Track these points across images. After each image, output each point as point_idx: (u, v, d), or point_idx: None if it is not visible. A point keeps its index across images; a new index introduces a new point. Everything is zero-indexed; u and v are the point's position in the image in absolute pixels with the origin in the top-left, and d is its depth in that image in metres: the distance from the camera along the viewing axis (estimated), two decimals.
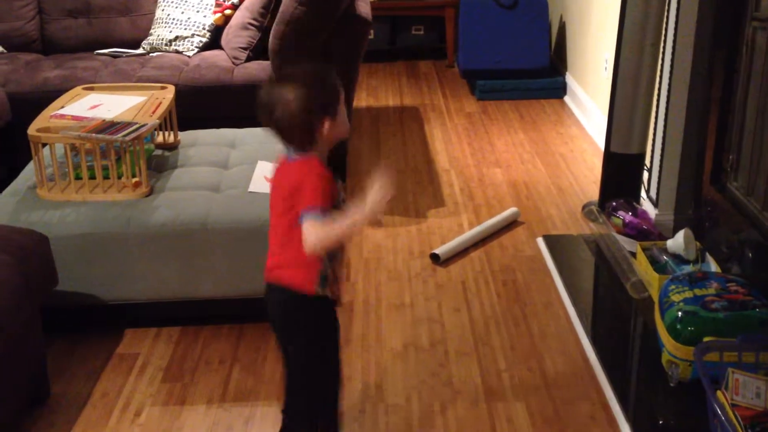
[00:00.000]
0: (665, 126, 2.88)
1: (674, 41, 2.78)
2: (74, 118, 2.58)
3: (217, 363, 2.37)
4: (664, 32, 2.84)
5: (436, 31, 5.41)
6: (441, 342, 2.46)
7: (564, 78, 4.69)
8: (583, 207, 3.21)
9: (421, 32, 5.44)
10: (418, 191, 3.50)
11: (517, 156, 3.87)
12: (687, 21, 2.73)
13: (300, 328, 1.81)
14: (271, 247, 1.78)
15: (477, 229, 3.07)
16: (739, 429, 1.78)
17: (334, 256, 1.76)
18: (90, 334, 2.50)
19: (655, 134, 2.98)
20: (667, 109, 2.86)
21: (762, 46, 2.40)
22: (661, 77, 2.90)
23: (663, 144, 2.90)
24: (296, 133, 1.67)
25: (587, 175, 3.61)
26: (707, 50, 2.71)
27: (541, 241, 3.01)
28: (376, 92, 4.87)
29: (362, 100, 4.71)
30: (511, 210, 3.20)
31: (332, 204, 1.68)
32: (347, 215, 1.65)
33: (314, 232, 1.62)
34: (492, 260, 2.93)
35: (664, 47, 2.86)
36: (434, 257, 2.92)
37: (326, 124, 1.66)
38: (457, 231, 3.12)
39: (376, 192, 1.64)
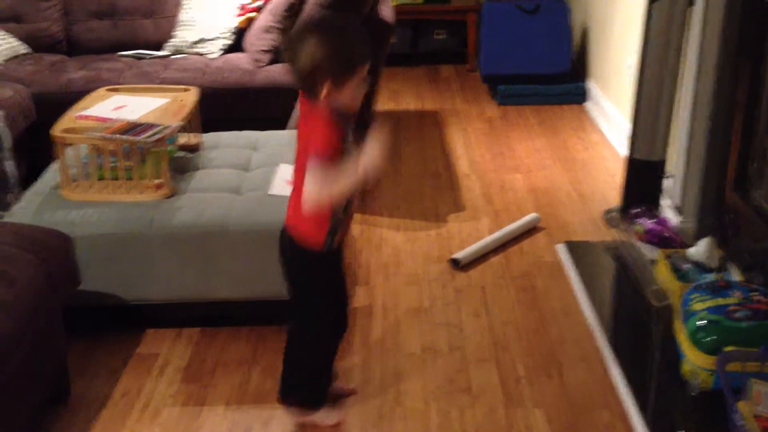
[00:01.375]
0: (689, 132, 2.86)
1: (699, 48, 2.76)
2: (98, 119, 2.60)
3: (236, 364, 2.38)
4: (688, 38, 2.82)
5: (457, 35, 5.41)
6: (459, 347, 2.46)
7: (585, 84, 4.67)
8: (604, 213, 3.19)
9: (443, 37, 5.44)
10: (438, 196, 3.50)
11: (538, 161, 3.85)
12: (712, 27, 2.71)
13: (308, 279, 1.96)
14: (293, 188, 1.87)
15: (497, 235, 3.06)
16: None
17: (347, 204, 1.84)
18: (111, 333, 2.51)
19: (678, 141, 2.96)
20: (691, 115, 2.84)
21: None
22: (684, 84, 2.88)
23: (687, 151, 2.88)
24: (301, 81, 1.75)
25: (608, 181, 3.60)
26: (732, 56, 2.68)
27: (561, 248, 3.00)
28: (396, 96, 4.87)
29: (383, 103, 4.72)
30: (531, 216, 3.19)
31: (339, 156, 1.73)
32: (348, 170, 1.72)
33: (313, 193, 1.72)
34: (512, 266, 2.92)
35: (688, 53, 2.84)
36: (454, 262, 2.91)
37: (327, 88, 1.71)
38: (476, 236, 3.11)
39: (371, 150, 1.71)
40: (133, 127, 2.48)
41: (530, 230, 3.15)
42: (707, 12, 2.70)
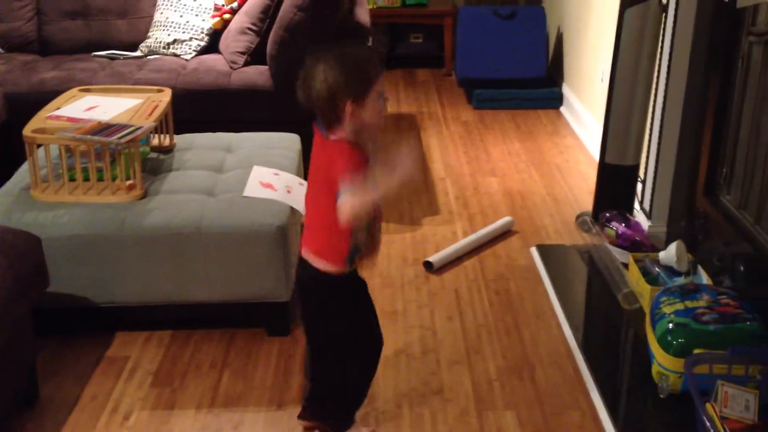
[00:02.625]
0: (660, 138, 2.89)
1: (671, 53, 2.79)
2: (70, 119, 2.58)
3: (208, 367, 2.37)
4: (660, 44, 2.85)
5: (434, 39, 5.42)
6: (433, 350, 2.46)
7: (560, 88, 4.70)
8: (577, 217, 3.22)
9: (420, 40, 5.46)
10: (414, 199, 3.50)
11: (513, 165, 3.87)
12: (684, 33, 2.74)
13: (333, 305, 1.90)
14: (307, 221, 1.87)
15: (471, 238, 3.07)
16: None
17: (371, 225, 1.83)
18: (81, 336, 2.49)
19: (649, 146, 2.99)
20: (662, 120, 2.87)
21: (758, 60, 2.41)
22: (656, 89, 2.91)
23: (657, 156, 2.91)
24: (324, 112, 1.74)
25: (582, 185, 3.62)
26: (703, 63, 2.72)
27: (534, 251, 3.02)
28: None
29: None
30: (505, 219, 3.20)
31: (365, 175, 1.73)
32: (378, 185, 1.72)
33: (349, 205, 1.70)
34: (485, 269, 2.93)
35: (660, 59, 2.87)
36: (428, 265, 2.92)
37: (349, 108, 1.70)
38: (451, 239, 3.12)
39: (405, 160, 1.73)
40: (105, 128, 2.46)
41: (504, 233, 3.17)
42: (678, 19, 2.73)
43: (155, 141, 2.83)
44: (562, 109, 4.65)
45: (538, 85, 4.72)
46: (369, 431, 2.11)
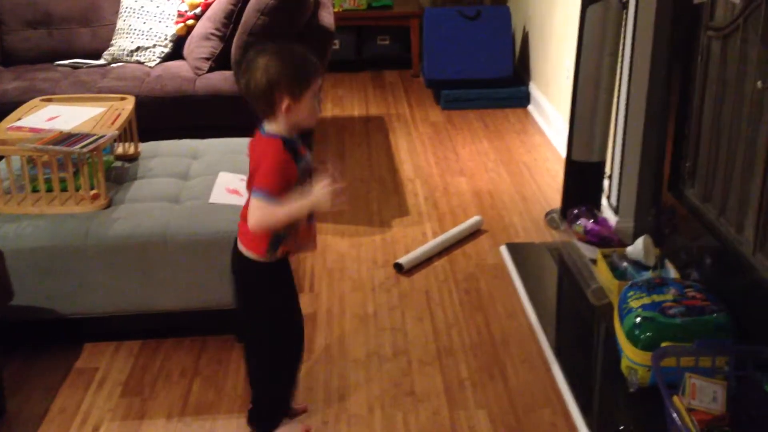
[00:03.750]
0: (624, 134, 2.91)
1: (632, 50, 2.82)
2: (31, 130, 2.54)
3: (178, 376, 2.35)
4: (622, 41, 2.87)
5: (401, 41, 5.43)
6: (404, 351, 2.46)
7: (528, 87, 4.73)
8: (546, 215, 3.23)
9: (387, 42, 5.46)
10: (383, 201, 3.50)
11: (482, 165, 3.89)
12: (644, 30, 2.77)
13: (252, 289, 1.96)
14: (243, 210, 1.92)
15: (440, 238, 3.08)
16: None
17: (292, 224, 1.86)
18: (48, 348, 2.46)
19: (614, 142, 3.01)
20: (626, 117, 2.90)
21: (716, 54, 2.44)
22: (620, 86, 2.94)
23: (623, 152, 2.93)
24: (259, 103, 1.79)
25: (550, 183, 3.64)
26: (664, 59, 2.75)
27: (504, 250, 3.03)
28: (341, 102, 4.87)
29: (328, 110, 4.72)
30: (474, 219, 3.21)
31: (289, 187, 1.78)
32: (292, 202, 1.78)
33: (256, 213, 1.78)
34: (455, 269, 2.93)
35: (622, 56, 2.89)
36: (398, 267, 2.92)
37: (285, 102, 1.76)
38: (421, 240, 3.13)
39: (322, 186, 1.78)
40: (67, 138, 2.43)
41: (474, 233, 3.18)
42: (639, 15, 2.76)
43: (119, 149, 2.81)
44: (530, 107, 4.67)
45: (506, 84, 4.75)
46: (303, 428, 2.12)
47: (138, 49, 3.66)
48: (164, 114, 3.29)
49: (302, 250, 2.01)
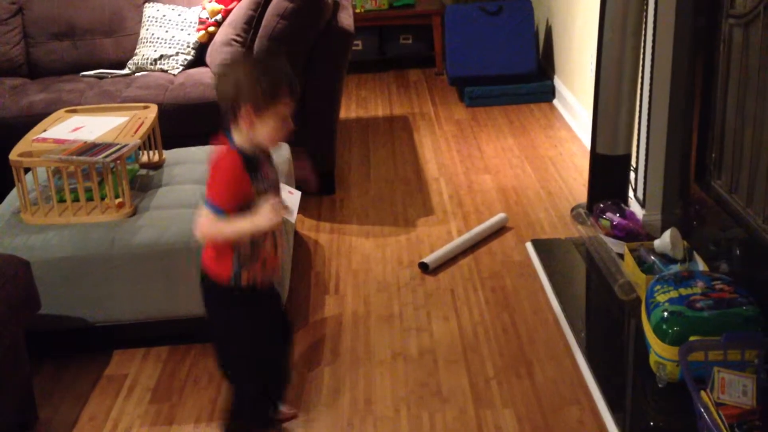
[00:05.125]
0: (648, 126, 2.88)
1: (653, 41, 2.78)
2: (56, 141, 2.58)
3: (206, 381, 2.36)
4: (644, 31, 2.83)
5: (424, 39, 5.42)
6: (429, 351, 2.45)
7: (552, 81, 4.69)
8: (572, 210, 3.20)
9: (410, 41, 5.45)
10: (408, 200, 3.50)
11: (507, 161, 3.86)
12: (665, 20, 2.73)
13: (216, 316, 1.94)
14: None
15: (465, 237, 3.06)
16: (724, 429, 1.76)
17: (254, 243, 1.82)
18: (78, 356, 2.49)
19: (639, 134, 2.97)
20: (650, 108, 2.86)
21: (738, 42, 2.40)
22: (643, 76, 2.90)
23: (647, 144, 2.90)
24: (225, 107, 1.75)
25: (576, 177, 3.61)
26: (686, 48, 2.70)
27: (530, 246, 3.01)
28: (365, 103, 4.88)
29: (351, 111, 4.72)
30: (499, 216, 3.19)
31: (245, 201, 1.74)
32: (240, 220, 1.73)
33: (202, 225, 1.76)
34: (481, 267, 2.92)
35: (644, 46, 2.85)
36: (423, 266, 2.91)
37: (248, 115, 1.72)
38: (446, 239, 3.11)
39: (266, 208, 1.72)
40: (91, 148, 2.46)
41: (499, 230, 3.16)
42: (659, 2, 2.72)
43: (144, 157, 2.84)
44: (555, 102, 4.63)
45: (530, 79, 4.71)
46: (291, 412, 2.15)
47: (161, 57, 3.70)
48: (188, 121, 3.32)
49: (266, 281, 1.91)
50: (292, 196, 2.61)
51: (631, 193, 3.08)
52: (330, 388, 2.29)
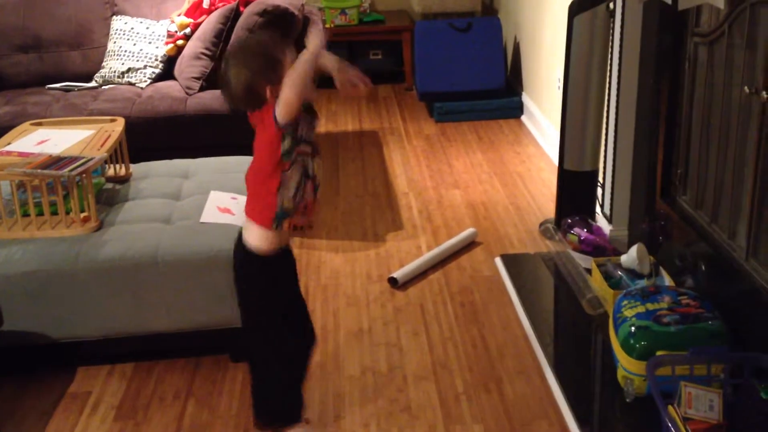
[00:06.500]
0: (615, 142, 2.91)
1: (620, 58, 2.81)
2: (20, 154, 2.55)
3: (172, 398, 2.33)
4: (610, 50, 2.87)
5: (393, 55, 5.44)
6: (399, 366, 2.45)
7: (520, 98, 4.73)
8: (540, 225, 3.23)
9: (380, 57, 5.47)
10: (377, 215, 3.49)
11: (476, 176, 3.88)
12: (632, 38, 2.77)
13: (251, 284, 1.98)
14: (248, 193, 1.95)
15: (435, 251, 3.07)
16: None
17: (299, 186, 1.88)
18: (41, 373, 2.44)
19: (606, 151, 3.00)
20: (616, 125, 2.89)
21: (703, 60, 2.44)
22: (609, 94, 2.93)
23: (614, 160, 2.93)
24: (248, 104, 1.84)
25: (544, 193, 3.63)
26: (652, 66, 2.74)
27: (498, 261, 3.02)
28: (335, 117, 4.88)
29: (321, 125, 4.72)
30: (469, 231, 3.20)
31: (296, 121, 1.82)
32: (294, 67, 1.76)
33: (281, 99, 1.76)
34: (450, 282, 2.92)
35: (611, 64, 2.89)
36: (392, 281, 2.91)
37: (269, 91, 1.79)
38: (415, 254, 3.12)
39: (315, 34, 1.82)
40: (56, 161, 2.43)
41: (468, 245, 3.17)
42: (626, 23, 2.76)
43: (111, 171, 2.80)
44: (523, 118, 4.67)
45: (498, 95, 4.75)
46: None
47: (129, 70, 3.67)
48: (156, 134, 3.29)
49: (306, 223, 1.96)
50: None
51: (598, 209, 3.11)
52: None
